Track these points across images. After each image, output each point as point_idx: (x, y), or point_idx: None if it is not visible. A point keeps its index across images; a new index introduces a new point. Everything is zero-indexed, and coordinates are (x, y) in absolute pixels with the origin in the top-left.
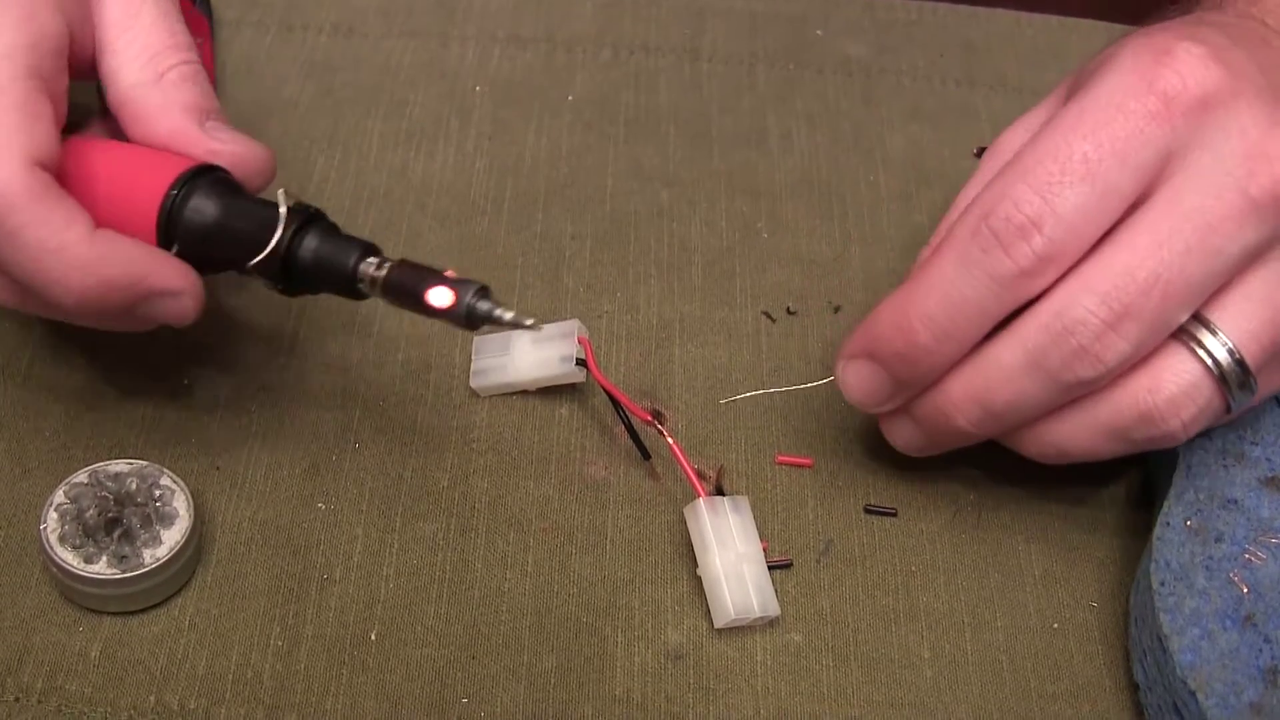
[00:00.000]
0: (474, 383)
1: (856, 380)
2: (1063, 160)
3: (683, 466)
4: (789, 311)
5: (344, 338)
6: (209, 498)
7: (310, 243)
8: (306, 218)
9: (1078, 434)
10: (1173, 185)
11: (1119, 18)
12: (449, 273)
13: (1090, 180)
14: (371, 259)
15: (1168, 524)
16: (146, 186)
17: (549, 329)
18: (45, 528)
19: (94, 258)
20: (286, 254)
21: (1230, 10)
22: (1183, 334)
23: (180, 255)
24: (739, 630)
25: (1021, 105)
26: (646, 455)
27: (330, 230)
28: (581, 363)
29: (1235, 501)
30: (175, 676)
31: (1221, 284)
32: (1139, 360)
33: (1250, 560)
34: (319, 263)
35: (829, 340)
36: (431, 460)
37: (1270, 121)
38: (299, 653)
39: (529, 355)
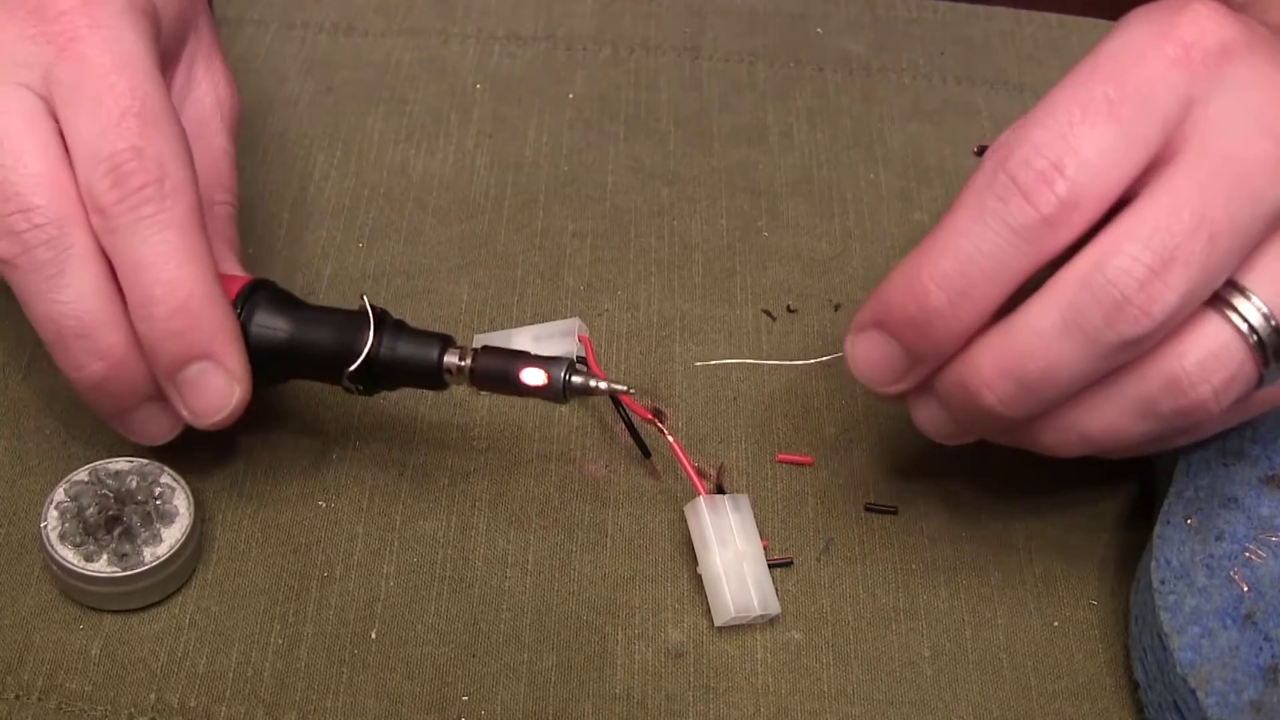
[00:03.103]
0: None
1: (865, 354)
2: (1083, 102)
3: (683, 465)
4: (789, 309)
5: None
6: (209, 496)
7: (391, 344)
8: (380, 320)
9: (1102, 413)
10: (1201, 133)
11: (1116, 16)
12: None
13: (1114, 121)
14: (452, 351)
15: (1168, 522)
16: None
17: (549, 327)
18: (46, 525)
19: (210, 290)
20: (373, 359)
21: None
22: (1214, 299)
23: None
24: (739, 628)
25: (1022, 103)
26: (647, 453)
27: (404, 328)
28: (582, 360)
29: (1235, 500)
30: (175, 674)
31: (1258, 238)
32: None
33: (1250, 558)
34: (404, 363)
35: (830, 338)
36: (432, 458)
37: None
38: (299, 651)
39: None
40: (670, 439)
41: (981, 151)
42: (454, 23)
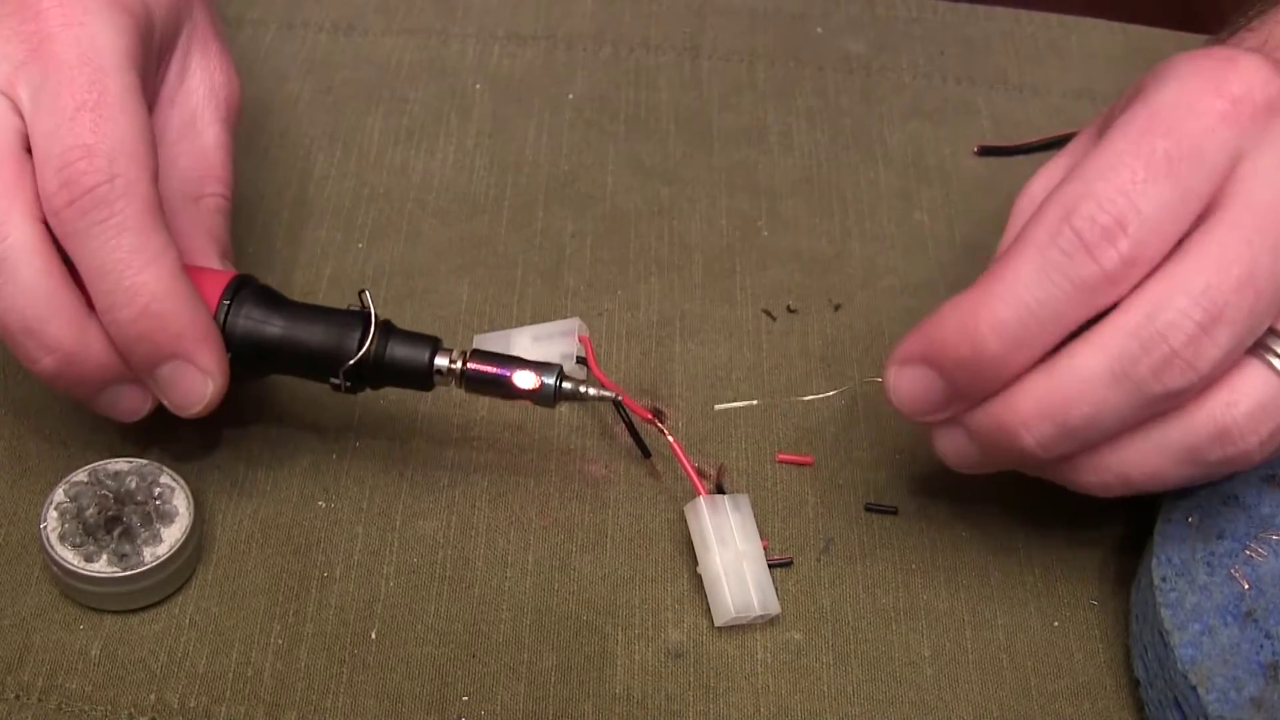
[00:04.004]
0: None
1: (909, 387)
2: (1145, 157)
3: (683, 464)
4: (789, 309)
5: None
6: (209, 496)
7: (383, 345)
8: (373, 320)
9: (1146, 457)
10: (1246, 186)
11: (1118, 15)
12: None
13: (1173, 179)
14: (442, 352)
15: (1169, 520)
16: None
17: (549, 327)
18: (45, 526)
19: (172, 289)
20: (365, 359)
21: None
22: (1256, 346)
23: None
24: (739, 628)
25: (1022, 102)
26: (647, 453)
27: (394, 329)
28: (582, 360)
29: (1236, 498)
30: (175, 675)
31: None
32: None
33: (1251, 556)
34: (395, 364)
35: (830, 338)
36: (432, 458)
37: None
38: (299, 651)
39: (530, 353)
40: (670, 439)
41: (983, 151)
42: (454, 22)
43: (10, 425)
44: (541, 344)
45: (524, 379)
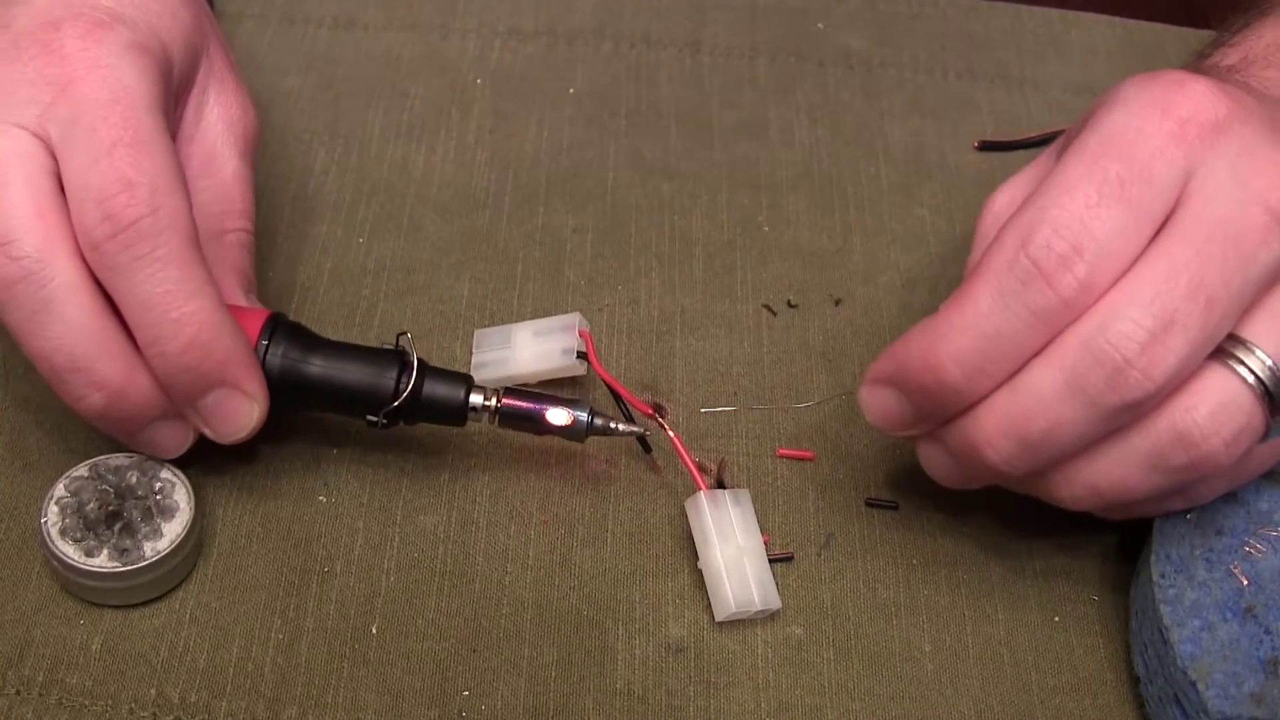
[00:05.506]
0: (475, 376)
1: (879, 406)
2: (1098, 182)
3: (684, 460)
4: (790, 304)
5: (346, 330)
6: (210, 491)
7: (419, 384)
8: (408, 360)
9: (1112, 468)
10: (1196, 202)
11: (1118, 11)
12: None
13: (1125, 202)
14: (476, 390)
15: (1168, 516)
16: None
17: (550, 321)
18: (46, 521)
19: (216, 319)
20: (404, 398)
21: (1210, 72)
22: (1217, 353)
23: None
24: (740, 623)
25: (1023, 98)
26: (647, 448)
27: (427, 367)
28: (582, 356)
29: (1234, 494)
30: (176, 669)
31: (1252, 298)
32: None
33: (1250, 552)
34: (431, 402)
35: (830, 333)
36: (432, 453)
37: (1276, 143)
38: (300, 646)
39: (530, 348)
40: (670, 434)
41: (983, 146)
42: (454, 17)
43: (11, 419)
44: (542, 339)
45: (557, 416)
